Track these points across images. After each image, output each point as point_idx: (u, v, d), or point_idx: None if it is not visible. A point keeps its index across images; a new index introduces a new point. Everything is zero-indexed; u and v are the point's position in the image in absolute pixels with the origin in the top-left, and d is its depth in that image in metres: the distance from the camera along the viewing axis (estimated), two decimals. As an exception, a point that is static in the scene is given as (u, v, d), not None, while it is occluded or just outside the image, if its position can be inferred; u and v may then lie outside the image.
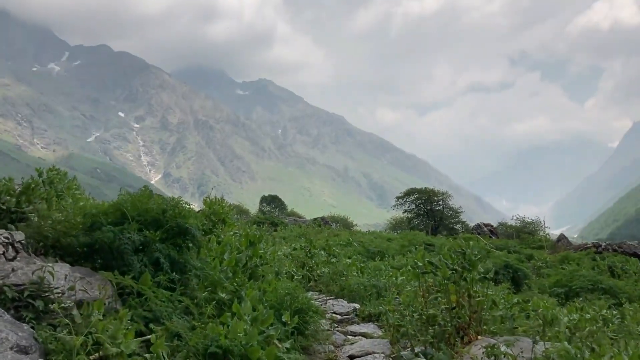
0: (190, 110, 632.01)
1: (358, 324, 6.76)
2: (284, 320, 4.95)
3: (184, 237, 5.76)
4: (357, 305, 7.73)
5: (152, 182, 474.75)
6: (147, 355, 3.82)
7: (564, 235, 28.67)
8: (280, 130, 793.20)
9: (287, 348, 4.52)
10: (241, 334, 4.12)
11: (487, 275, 5.47)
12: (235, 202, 71.65)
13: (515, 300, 7.62)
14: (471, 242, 5.97)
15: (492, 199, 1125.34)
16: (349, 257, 10.78)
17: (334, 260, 10.22)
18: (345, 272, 9.19)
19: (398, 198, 57.69)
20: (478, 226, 36.62)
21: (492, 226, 36.44)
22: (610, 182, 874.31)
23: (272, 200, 66.19)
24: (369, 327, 6.53)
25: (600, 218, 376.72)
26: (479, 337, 5.44)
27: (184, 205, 5.84)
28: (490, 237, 29.32)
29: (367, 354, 5.07)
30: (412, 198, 56.25)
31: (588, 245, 23.25)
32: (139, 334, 4.30)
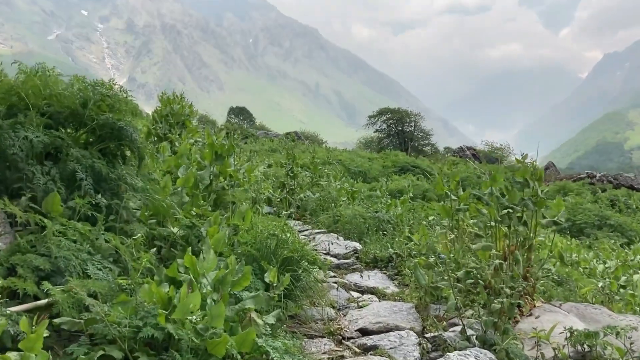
0: (158, 14, 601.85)
1: (361, 272, 5.05)
2: (266, 279, 3.26)
3: (118, 143, 3.88)
4: (357, 245, 6.00)
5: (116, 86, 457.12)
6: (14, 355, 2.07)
7: (552, 164, 27.57)
8: (251, 40, 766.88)
9: (270, 325, 2.82)
10: (195, 313, 2.39)
11: (558, 219, 3.83)
12: (202, 112, 68.78)
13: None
14: (459, 166, 4.23)
15: (458, 123, 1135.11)
16: (336, 179, 9.01)
17: (322, 182, 8.54)
18: (334, 198, 7.58)
19: (370, 117, 56.26)
20: (461, 149, 35.32)
21: (474, 149, 35.15)
22: (576, 112, 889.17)
23: (240, 112, 63.59)
24: (377, 278, 4.87)
25: (562, 147, 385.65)
26: (536, 304, 3.87)
27: (119, 95, 3.89)
28: (473, 161, 28.05)
29: (388, 329, 3.39)
30: (385, 118, 54.93)
31: (581, 175, 22.04)
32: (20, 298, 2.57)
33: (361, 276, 4.78)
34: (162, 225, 3.78)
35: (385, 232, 6.50)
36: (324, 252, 5.36)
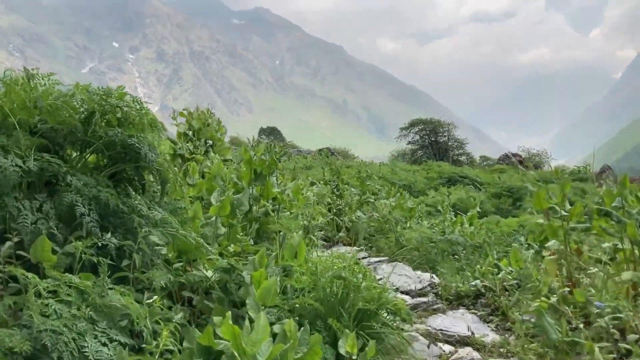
0: (186, 41, 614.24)
1: (443, 312, 4.06)
2: (341, 349, 2.31)
3: (134, 165, 3.07)
4: (431, 277, 4.91)
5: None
6: None
7: (608, 166, 25.76)
8: (277, 61, 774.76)
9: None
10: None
11: None
12: (234, 134, 68.87)
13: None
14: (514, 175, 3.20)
15: (490, 130, 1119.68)
16: (390, 195, 7.97)
17: (371, 199, 7.54)
18: (396, 219, 6.39)
19: (402, 129, 55.16)
20: (506, 156, 33.64)
21: (520, 156, 33.41)
22: (612, 114, 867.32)
23: (270, 132, 63.67)
24: (466, 320, 3.81)
25: (600, 150, 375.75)
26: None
27: (132, 104, 3.06)
28: (520, 169, 26.27)
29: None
30: (417, 129, 53.79)
31: None
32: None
33: (442, 313, 3.77)
34: (190, 267, 2.92)
35: (457, 258, 5.49)
36: (393, 287, 4.35)
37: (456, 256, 5.59)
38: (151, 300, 2.34)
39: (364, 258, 5.50)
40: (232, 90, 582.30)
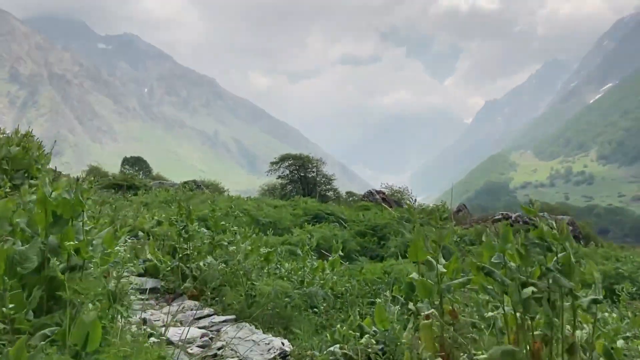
0: (45, 63, 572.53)
1: None
2: None
3: None
4: (283, 343, 4.00)
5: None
6: None
7: (464, 205, 27.22)
8: (146, 90, 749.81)
9: None
10: None
11: (598, 296, 2.47)
12: (94, 164, 64.04)
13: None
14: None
15: (356, 167, 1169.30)
16: (245, 238, 7.06)
17: (224, 241, 6.26)
18: (246, 268, 5.49)
19: (272, 163, 55.24)
20: (370, 193, 34.33)
21: (383, 193, 34.17)
22: (464, 155, 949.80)
23: (135, 162, 59.91)
24: None
25: (454, 188, 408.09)
26: None
27: None
28: (383, 206, 26.71)
29: None
30: (287, 164, 54.13)
31: (497, 217, 21.48)
32: None
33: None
34: None
35: (317, 311, 4.82)
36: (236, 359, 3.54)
37: (315, 309, 4.93)
38: None
39: (207, 316, 4.62)
40: (95, 117, 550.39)
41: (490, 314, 2.67)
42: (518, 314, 2.49)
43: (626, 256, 14.64)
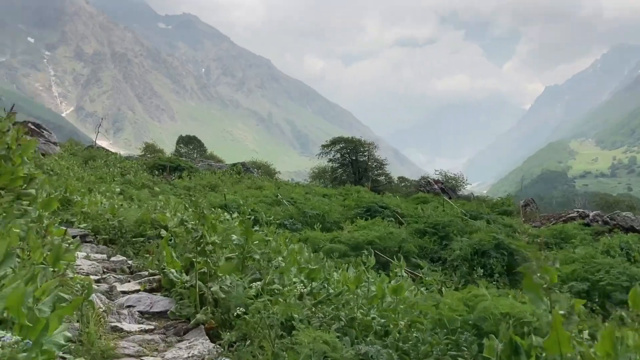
0: (108, 42, 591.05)
1: None
2: None
3: None
4: None
5: (63, 114, 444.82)
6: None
7: (532, 200, 25.98)
8: (203, 70, 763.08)
9: None
10: None
11: None
12: (150, 141, 65.74)
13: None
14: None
15: (409, 151, 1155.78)
16: (283, 246, 6.23)
17: (257, 254, 4.99)
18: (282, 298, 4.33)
19: (324, 146, 55.12)
20: (427, 182, 33.48)
21: (442, 183, 33.07)
22: (521, 142, 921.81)
23: (189, 141, 60.88)
24: None
25: (509, 176, 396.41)
26: None
27: None
28: (444, 199, 23.97)
29: None
30: (338, 147, 53.85)
31: (571, 215, 19.47)
32: None
33: None
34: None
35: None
36: None
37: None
38: None
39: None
40: (154, 96, 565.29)
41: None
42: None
43: None
